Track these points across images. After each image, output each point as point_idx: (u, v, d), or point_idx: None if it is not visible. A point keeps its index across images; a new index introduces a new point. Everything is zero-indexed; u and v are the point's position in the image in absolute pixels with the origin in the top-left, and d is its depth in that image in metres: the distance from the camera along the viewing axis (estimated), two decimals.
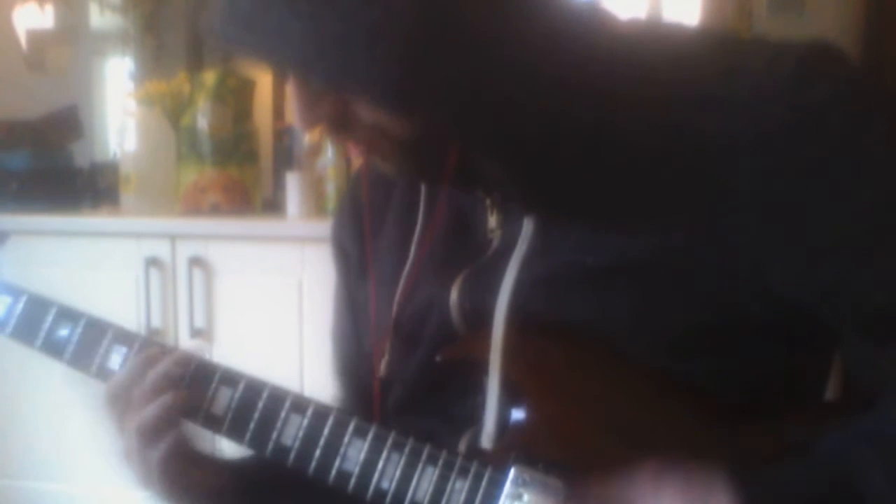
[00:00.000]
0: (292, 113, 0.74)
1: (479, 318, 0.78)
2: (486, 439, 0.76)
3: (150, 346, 0.87)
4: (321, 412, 0.79)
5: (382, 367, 0.86)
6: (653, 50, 0.75)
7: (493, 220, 0.81)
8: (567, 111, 0.71)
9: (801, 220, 0.68)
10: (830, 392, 0.82)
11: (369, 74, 0.65)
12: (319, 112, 0.72)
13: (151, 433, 0.82)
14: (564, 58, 0.70)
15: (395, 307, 0.85)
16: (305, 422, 0.79)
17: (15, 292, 0.92)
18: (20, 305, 0.91)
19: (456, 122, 0.69)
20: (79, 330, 0.89)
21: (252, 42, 0.68)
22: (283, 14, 0.65)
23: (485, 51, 0.66)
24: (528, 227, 0.77)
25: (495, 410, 0.76)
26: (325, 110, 0.72)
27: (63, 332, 0.89)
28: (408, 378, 0.85)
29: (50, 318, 0.90)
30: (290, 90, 0.72)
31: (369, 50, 0.64)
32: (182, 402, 0.83)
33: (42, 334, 0.90)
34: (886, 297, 0.67)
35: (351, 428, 0.78)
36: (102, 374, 0.87)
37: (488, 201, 0.81)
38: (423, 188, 0.87)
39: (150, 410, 0.82)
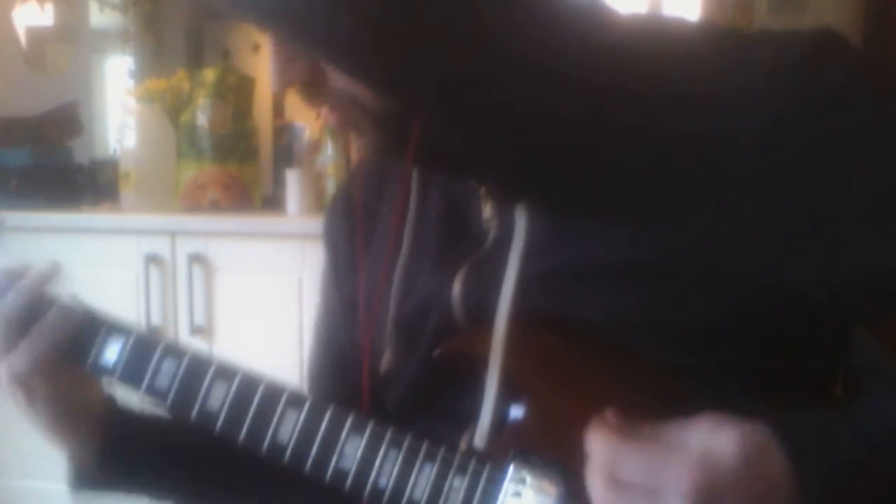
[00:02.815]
0: (269, 75, 0.74)
1: (482, 313, 0.77)
2: (480, 437, 0.75)
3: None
4: (318, 408, 0.79)
5: (383, 363, 0.85)
6: (657, 47, 0.74)
7: (487, 210, 0.81)
8: (561, 104, 0.71)
9: (814, 207, 0.67)
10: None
11: (326, 31, 0.64)
12: (292, 73, 0.72)
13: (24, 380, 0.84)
14: (559, 49, 0.69)
15: (392, 303, 0.85)
16: (302, 418, 0.79)
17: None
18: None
19: (423, 99, 0.68)
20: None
21: None
22: None
23: (467, 29, 0.65)
24: (521, 218, 0.76)
25: (491, 408, 0.75)
26: (298, 72, 0.72)
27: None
28: (409, 375, 0.84)
29: None
30: (267, 51, 0.72)
31: (329, 6, 0.63)
32: (47, 348, 0.84)
33: None
34: None
35: (348, 424, 0.78)
36: (97, 370, 0.87)
37: (482, 191, 0.81)
38: (414, 180, 0.86)
39: (15, 356, 0.84)
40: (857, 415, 0.66)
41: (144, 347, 0.85)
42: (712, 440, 0.62)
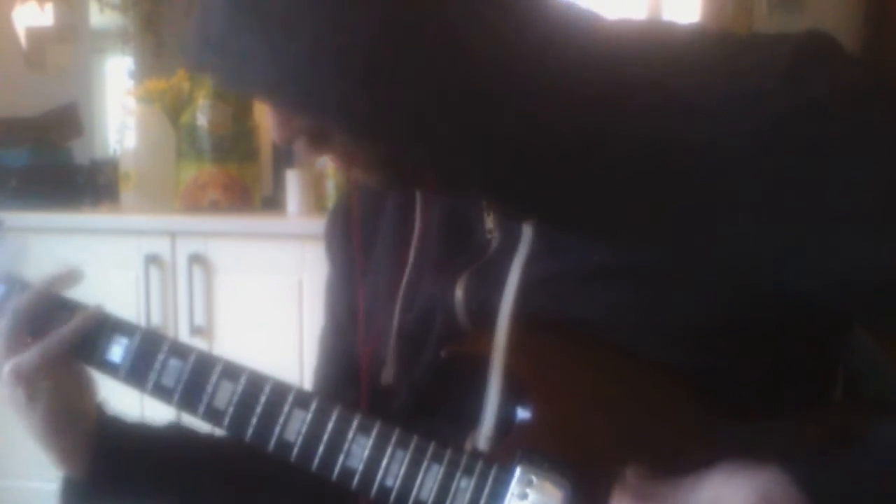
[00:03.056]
0: (270, 129, 0.74)
1: (485, 317, 0.78)
2: (484, 441, 0.75)
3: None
4: (325, 408, 0.79)
5: (386, 372, 0.85)
6: (650, 56, 0.74)
7: (490, 221, 0.81)
8: (557, 116, 0.71)
9: (809, 209, 0.67)
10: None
11: (334, 101, 0.65)
12: (297, 126, 0.72)
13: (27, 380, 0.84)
14: (551, 63, 0.70)
15: (396, 313, 0.85)
16: (309, 417, 0.79)
17: (9, 281, 0.92)
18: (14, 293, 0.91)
19: (429, 151, 0.69)
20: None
21: (220, 65, 0.69)
22: (253, 37, 0.65)
23: (459, 85, 0.66)
24: (527, 230, 0.77)
25: (495, 412, 0.75)
26: (301, 126, 0.72)
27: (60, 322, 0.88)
28: (414, 382, 0.84)
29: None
30: (267, 105, 0.73)
31: (334, 77, 0.64)
32: (60, 352, 0.84)
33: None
34: None
35: (355, 424, 0.78)
36: (104, 366, 0.87)
37: (484, 203, 0.81)
38: (418, 202, 0.86)
39: (27, 356, 0.84)
40: (872, 451, 0.65)
41: (150, 346, 0.85)
42: (727, 492, 0.63)
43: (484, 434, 0.75)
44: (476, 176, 0.72)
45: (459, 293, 0.80)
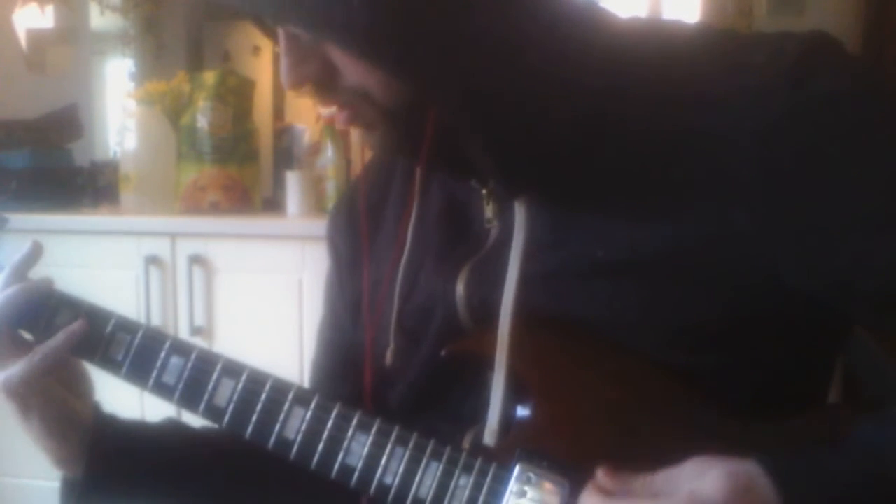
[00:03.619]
0: (280, 73, 0.74)
1: (485, 313, 0.78)
2: (490, 436, 0.75)
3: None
4: (325, 405, 0.79)
5: (386, 362, 0.85)
6: (655, 50, 0.74)
7: (489, 210, 0.81)
8: (555, 103, 0.71)
9: (810, 208, 0.68)
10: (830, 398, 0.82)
11: (343, 19, 0.65)
12: (306, 71, 0.73)
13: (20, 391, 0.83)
14: (554, 49, 0.70)
15: (395, 301, 0.85)
16: (309, 414, 0.79)
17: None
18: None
19: (428, 82, 0.69)
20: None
21: None
22: None
23: (468, 20, 0.67)
24: (520, 214, 0.77)
25: (500, 408, 0.75)
26: (311, 70, 0.73)
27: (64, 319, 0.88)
28: (412, 375, 0.84)
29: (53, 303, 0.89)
30: (280, 48, 0.73)
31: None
32: (44, 364, 0.83)
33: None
34: None
35: (355, 422, 0.78)
36: (106, 363, 0.87)
37: (484, 191, 0.81)
38: (417, 180, 0.87)
39: (14, 372, 0.83)
40: (848, 448, 0.65)
41: (152, 343, 0.85)
42: (698, 481, 0.63)
43: (489, 430, 0.75)
44: (476, 134, 0.72)
45: (461, 288, 0.80)
